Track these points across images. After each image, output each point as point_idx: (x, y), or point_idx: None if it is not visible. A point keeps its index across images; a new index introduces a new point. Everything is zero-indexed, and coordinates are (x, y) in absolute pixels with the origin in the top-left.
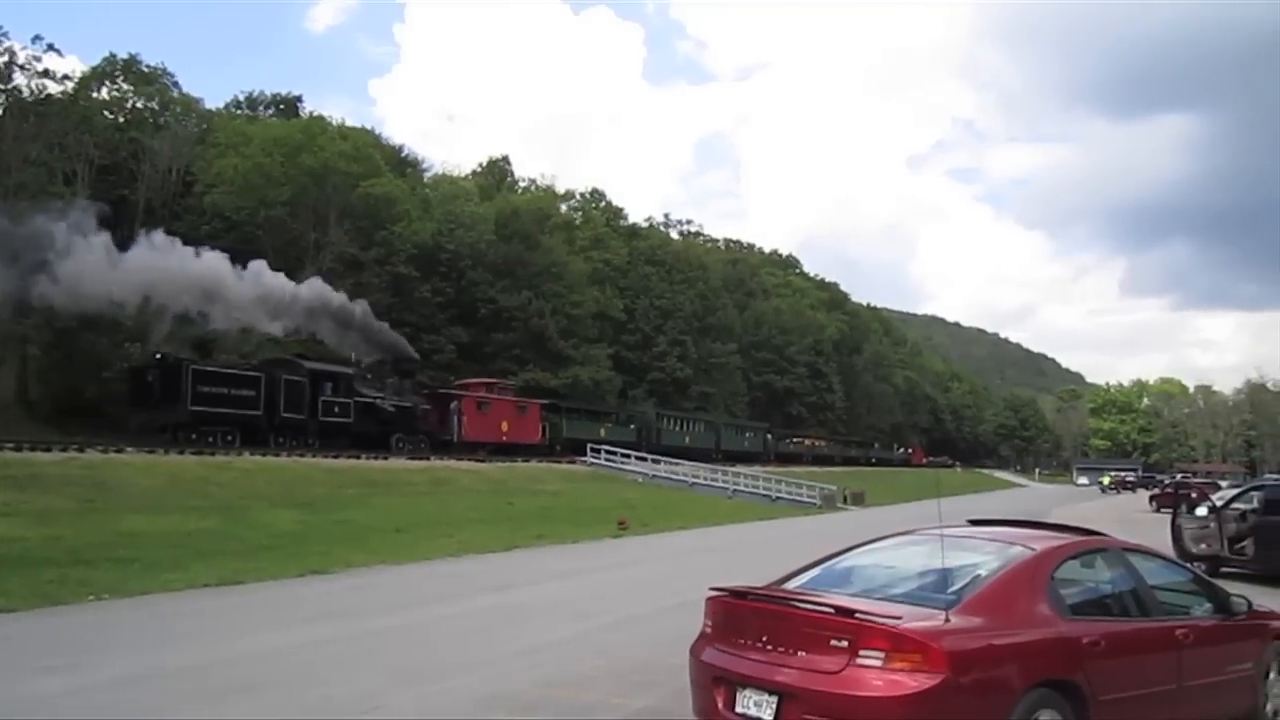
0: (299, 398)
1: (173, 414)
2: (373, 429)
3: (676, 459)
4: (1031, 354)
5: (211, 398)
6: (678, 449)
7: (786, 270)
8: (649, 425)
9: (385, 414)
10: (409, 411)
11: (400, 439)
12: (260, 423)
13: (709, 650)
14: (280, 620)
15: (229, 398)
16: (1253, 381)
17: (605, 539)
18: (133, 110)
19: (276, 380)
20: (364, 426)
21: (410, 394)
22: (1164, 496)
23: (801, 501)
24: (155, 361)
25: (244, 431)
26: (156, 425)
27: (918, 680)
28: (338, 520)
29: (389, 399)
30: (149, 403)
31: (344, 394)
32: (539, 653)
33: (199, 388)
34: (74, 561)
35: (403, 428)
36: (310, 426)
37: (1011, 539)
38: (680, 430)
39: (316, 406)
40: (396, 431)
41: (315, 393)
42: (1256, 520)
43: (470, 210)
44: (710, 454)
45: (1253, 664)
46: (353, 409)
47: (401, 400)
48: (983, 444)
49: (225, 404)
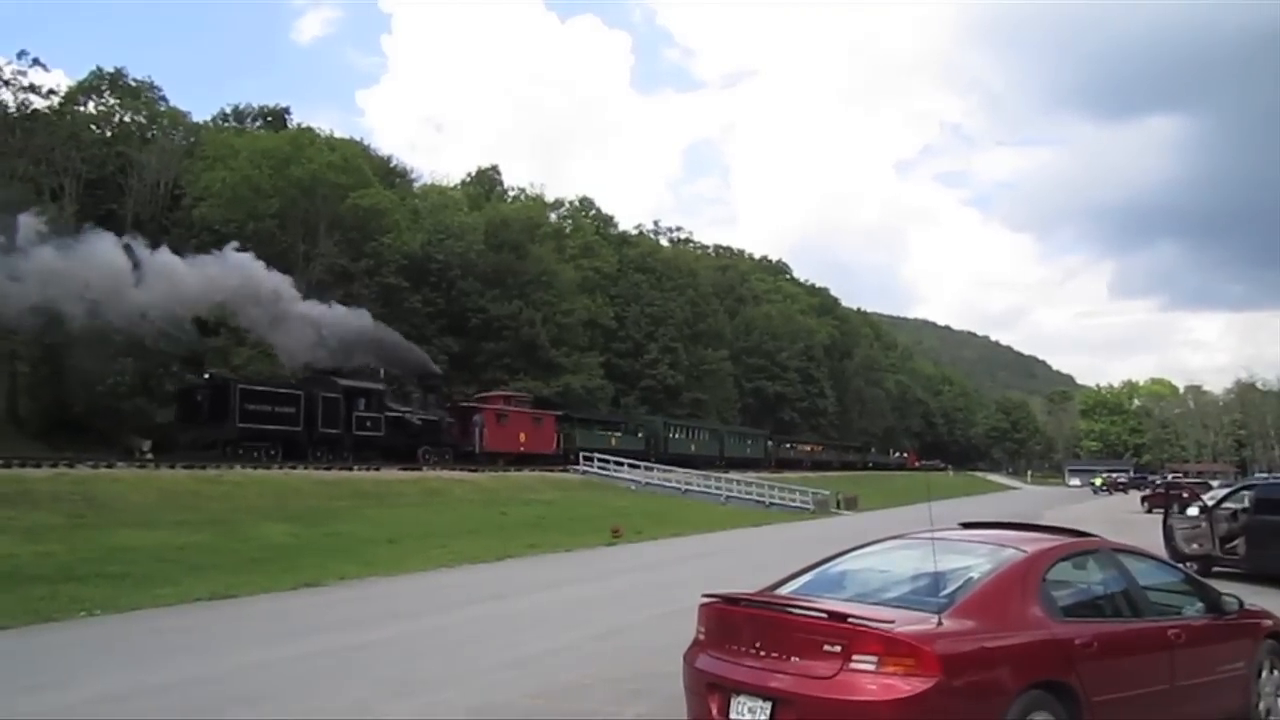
0: (335, 414)
1: (221, 431)
2: (402, 442)
3: (685, 467)
4: (1022, 356)
5: (257, 415)
6: (684, 457)
7: (777, 276)
8: (657, 434)
9: (414, 427)
10: (435, 425)
11: (427, 451)
12: (300, 438)
13: (702, 657)
14: (273, 633)
15: (272, 415)
16: (1242, 381)
17: (598, 547)
18: (120, 124)
19: (315, 398)
20: (394, 440)
21: (435, 408)
22: (1155, 497)
23: (795, 507)
24: (204, 381)
25: (285, 446)
26: (205, 442)
27: (911, 684)
28: (329, 532)
29: (416, 413)
30: (198, 420)
31: (376, 409)
32: (532, 662)
33: (246, 406)
34: (65, 577)
35: (429, 440)
36: (346, 440)
37: (1003, 541)
38: (686, 439)
39: (351, 421)
40: (424, 444)
41: (350, 408)
42: (1247, 520)
43: (460, 220)
44: (715, 461)
45: (1245, 663)
46: (384, 423)
47: (428, 414)
48: (975, 447)
49: (269, 420)
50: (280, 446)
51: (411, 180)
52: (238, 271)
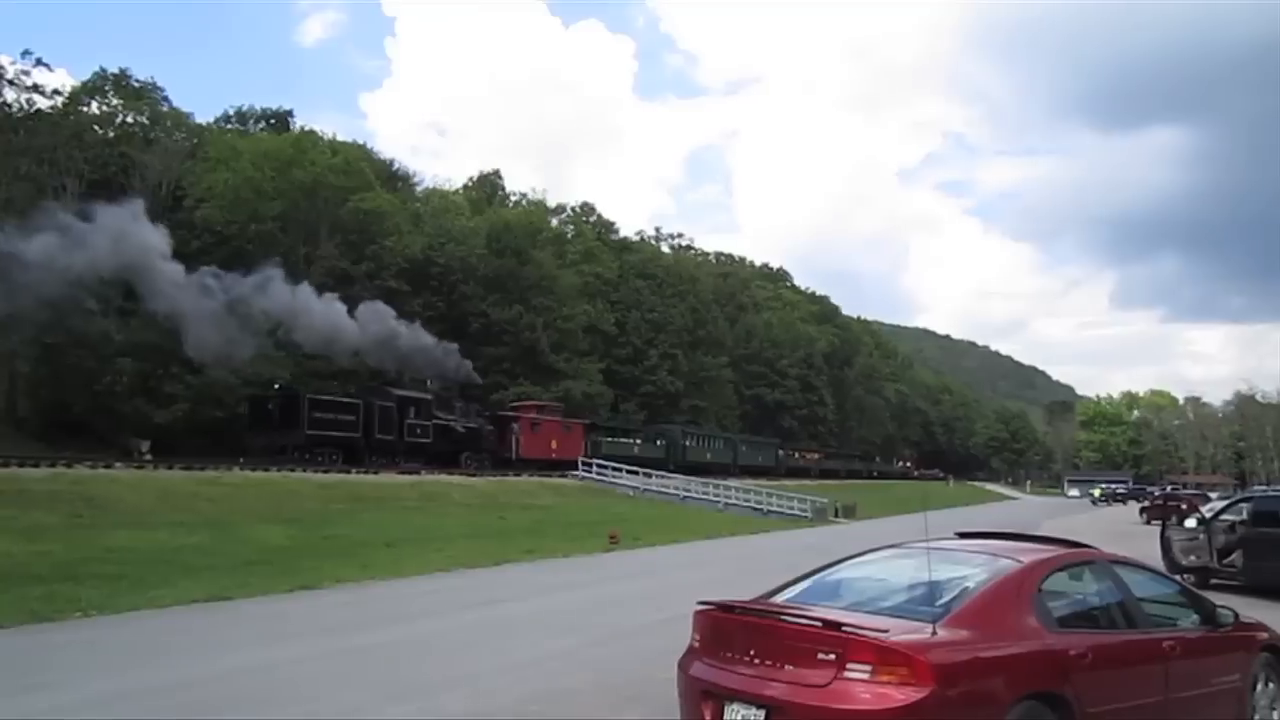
0: (390, 422)
1: (292, 437)
2: (446, 448)
3: (701, 474)
4: (1022, 367)
5: (323, 423)
6: (700, 464)
7: (777, 283)
8: (676, 443)
9: (457, 434)
10: (476, 432)
11: (468, 456)
12: (359, 444)
13: (697, 664)
14: (268, 636)
15: (335, 422)
16: (1242, 393)
17: (596, 553)
18: (123, 125)
19: (372, 406)
20: (440, 446)
21: (475, 416)
22: (1154, 508)
23: (793, 514)
24: (275, 391)
25: (346, 452)
26: (276, 447)
27: (905, 693)
28: (327, 535)
29: (460, 421)
30: (269, 427)
31: (425, 417)
32: (528, 668)
33: (314, 414)
34: (62, 577)
35: (471, 446)
36: (398, 446)
37: (999, 551)
38: (702, 447)
39: (404, 429)
40: (466, 450)
41: (403, 417)
42: (1245, 532)
43: (461, 224)
44: (729, 468)
45: (1239, 675)
46: (432, 430)
47: (469, 422)
48: (974, 457)
49: (333, 428)
50: (341, 452)
51: (413, 184)
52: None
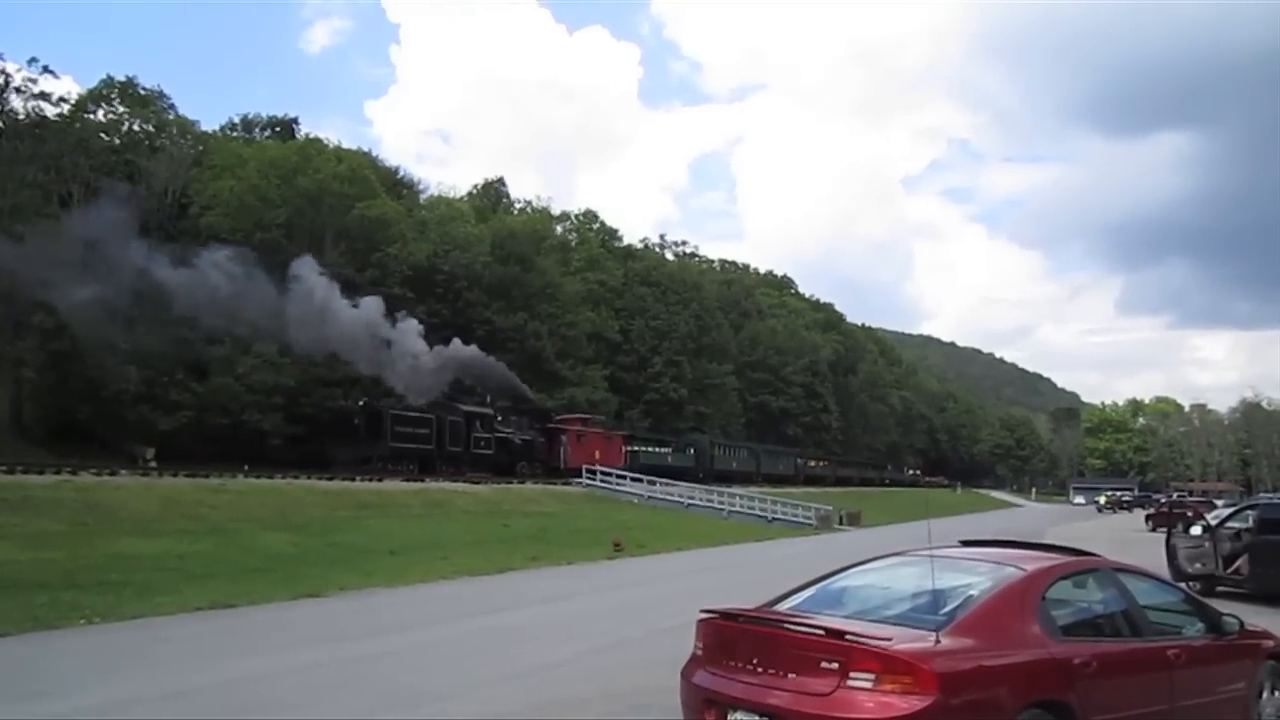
0: (458, 435)
1: (377, 449)
2: (505, 459)
3: (728, 482)
4: (1027, 374)
5: (403, 436)
6: (727, 472)
7: (782, 291)
8: (704, 452)
9: (515, 446)
10: (530, 444)
11: (523, 466)
12: (433, 455)
13: (700, 673)
14: (272, 644)
15: (414, 435)
16: (1248, 400)
17: (600, 561)
18: (129, 132)
19: (443, 421)
20: (501, 457)
21: (528, 429)
22: (1160, 516)
23: (797, 522)
24: (359, 408)
25: (420, 463)
26: (361, 458)
27: (909, 702)
28: (331, 543)
29: (517, 434)
30: (355, 440)
31: (487, 430)
32: (533, 675)
33: (395, 428)
34: (66, 584)
35: (525, 457)
36: (465, 458)
37: (1003, 559)
38: (729, 456)
39: (470, 441)
40: (521, 460)
41: (469, 430)
42: (1251, 539)
43: (466, 232)
44: (752, 476)
45: (1245, 684)
46: (493, 443)
47: (524, 434)
48: (979, 464)
49: (411, 440)
50: (417, 463)
51: (418, 191)
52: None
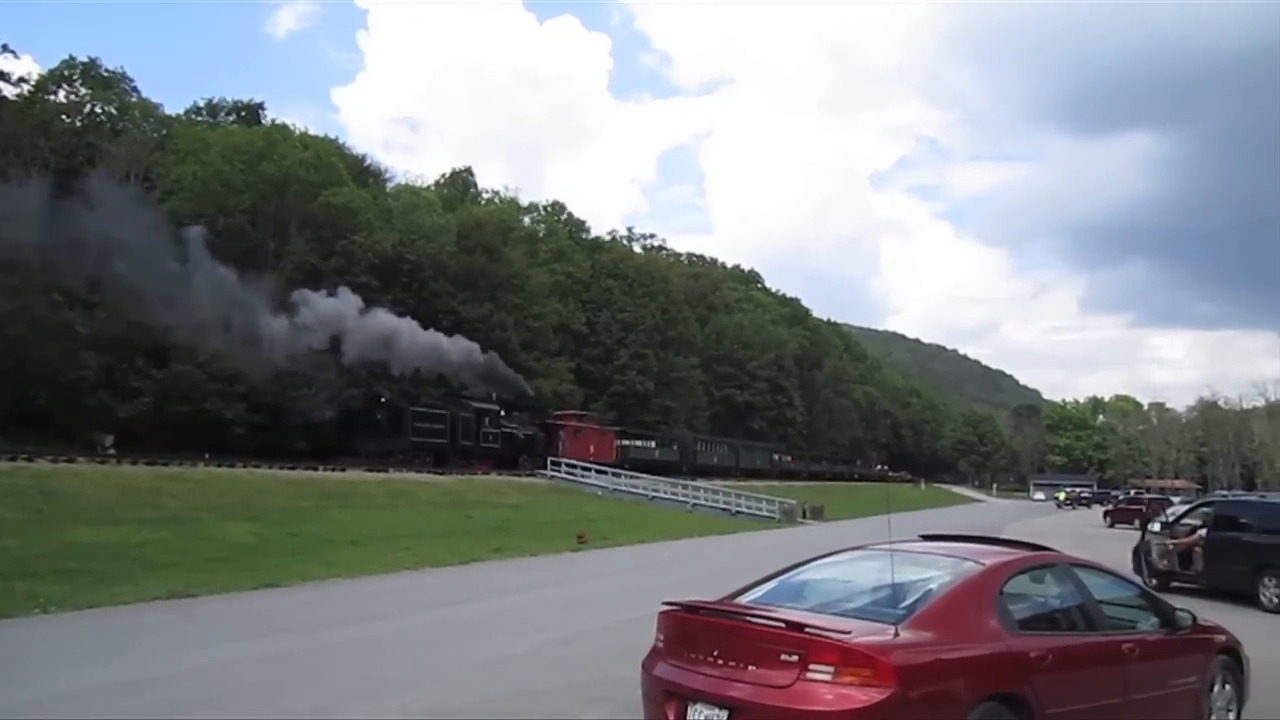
0: (470, 430)
1: (399, 443)
2: (509, 453)
3: (710, 476)
4: (990, 371)
5: (423, 430)
6: (708, 467)
7: (748, 285)
8: (688, 448)
9: (519, 440)
10: (532, 438)
11: (525, 459)
12: (447, 449)
13: (661, 664)
14: (233, 634)
15: (431, 430)
16: (1205, 400)
17: (563, 552)
18: (90, 114)
19: (457, 417)
20: (506, 451)
21: (529, 424)
22: (1118, 512)
23: (761, 515)
24: (381, 404)
25: (435, 456)
26: (384, 451)
27: (867, 694)
28: (293, 533)
29: (520, 429)
30: (378, 434)
31: (494, 426)
32: (493, 667)
33: (415, 424)
34: (20, 573)
35: (528, 451)
36: (475, 451)
37: (962, 554)
38: (710, 451)
39: (479, 435)
40: (524, 453)
41: (479, 425)
42: (1205, 536)
43: (432, 221)
44: (731, 470)
45: (1197, 677)
46: (500, 437)
47: (526, 430)
48: (941, 459)
49: (430, 435)
50: (433, 456)
51: (385, 180)
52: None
